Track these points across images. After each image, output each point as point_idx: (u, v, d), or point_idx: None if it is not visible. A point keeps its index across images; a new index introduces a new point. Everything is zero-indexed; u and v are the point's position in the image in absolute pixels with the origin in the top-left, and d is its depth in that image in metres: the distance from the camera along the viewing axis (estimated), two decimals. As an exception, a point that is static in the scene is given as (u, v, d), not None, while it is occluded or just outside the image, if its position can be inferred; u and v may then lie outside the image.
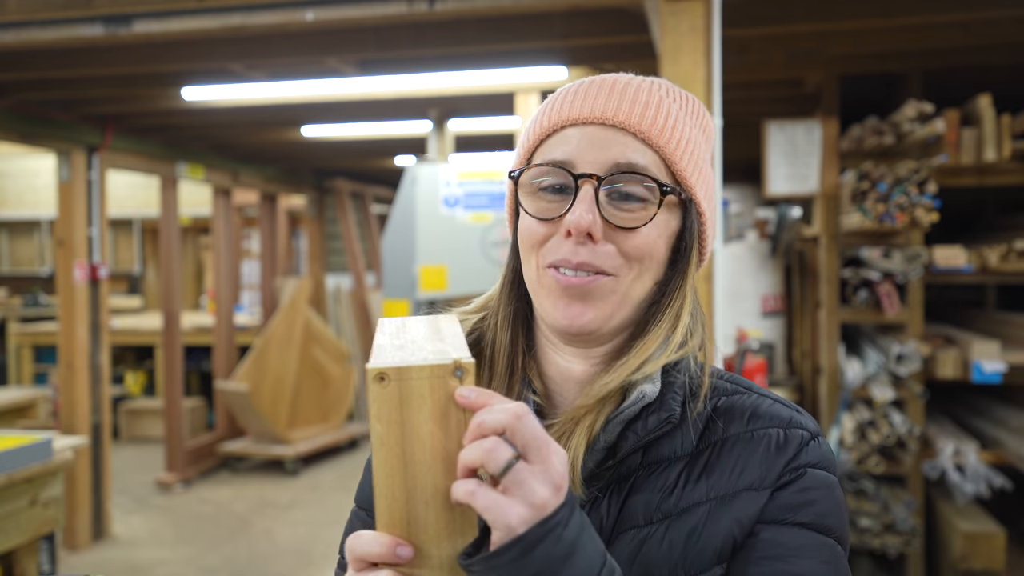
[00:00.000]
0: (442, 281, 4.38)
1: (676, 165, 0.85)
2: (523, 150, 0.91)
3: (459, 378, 0.65)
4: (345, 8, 2.89)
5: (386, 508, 0.67)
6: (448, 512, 0.67)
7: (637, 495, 0.82)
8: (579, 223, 0.81)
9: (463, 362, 0.66)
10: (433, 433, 0.66)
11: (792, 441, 0.82)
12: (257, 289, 8.98)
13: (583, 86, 0.88)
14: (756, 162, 4.62)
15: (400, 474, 0.66)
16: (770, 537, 0.78)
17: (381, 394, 0.65)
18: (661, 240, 0.85)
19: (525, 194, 0.87)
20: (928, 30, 3.51)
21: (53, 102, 5.02)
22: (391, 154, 7.68)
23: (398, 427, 0.66)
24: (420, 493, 0.66)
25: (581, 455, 0.81)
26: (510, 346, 0.91)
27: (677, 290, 0.87)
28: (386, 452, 0.66)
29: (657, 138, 0.84)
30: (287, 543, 5.27)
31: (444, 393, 0.65)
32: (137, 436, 8.07)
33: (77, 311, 5.26)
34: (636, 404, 0.82)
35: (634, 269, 0.84)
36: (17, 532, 2.88)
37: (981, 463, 3.74)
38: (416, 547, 0.67)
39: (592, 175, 0.82)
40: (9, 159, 9.10)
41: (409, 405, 0.65)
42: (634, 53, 3.62)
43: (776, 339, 5.10)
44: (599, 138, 0.84)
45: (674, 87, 0.91)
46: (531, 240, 0.86)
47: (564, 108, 0.87)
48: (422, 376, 0.65)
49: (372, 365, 0.65)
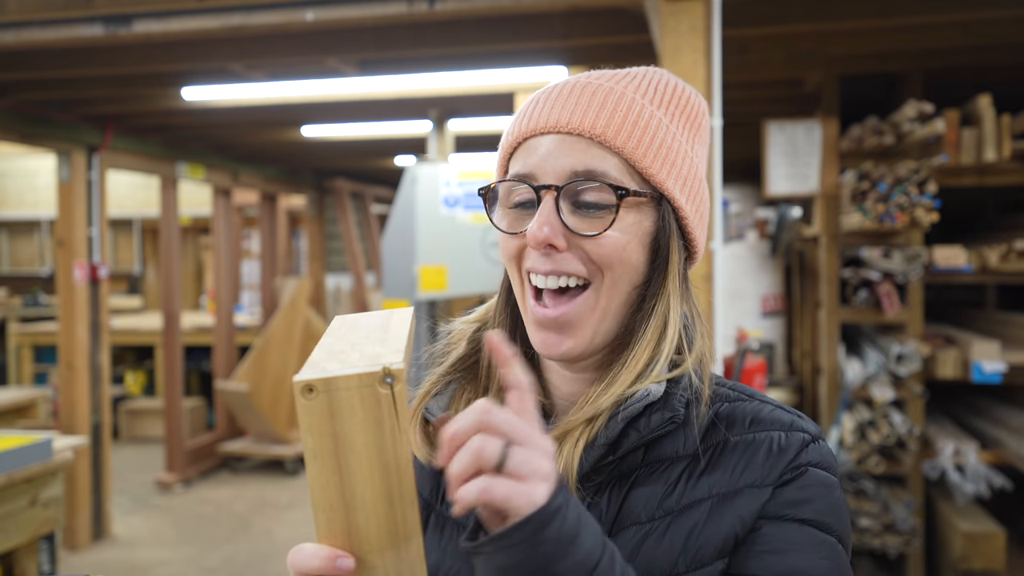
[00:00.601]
0: (442, 281, 4.38)
1: (639, 164, 0.83)
2: (499, 164, 0.92)
3: (389, 385, 0.63)
4: (345, 8, 2.89)
5: (325, 520, 0.66)
6: (389, 520, 0.66)
7: (638, 492, 0.82)
8: (536, 236, 0.81)
9: (392, 368, 0.63)
10: (367, 443, 0.64)
11: (793, 443, 0.83)
12: (257, 289, 8.98)
13: (546, 94, 0.88)
14: (756, 162, 4.62)
15: (336, 485, 0.65)
16: (770, 532, 0.78)
17: (309, 407, 0.63)
18: (632, 244, 0.84)
19: (501, 208, 0.88)
20: (928, 30, 3.51)
21: (53, 102, 5.02)
22: (391, 154, 7.68)
23: (330, 439, 0.64)
24: (359, 503, 0.65)
25: (577, 459, 0.81)
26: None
27: (659, 292, 0.86)
28: (320, 465, 0.64)
29: (614, 139, 0.83)
30: (287, 543, 5.27)
31: (374, 401, 0.64)
32: (137, 436, 8.07)
33: (77, 311, 5.26)
34: (640, 402, 0.82)
35: (607, 276, 0.84)
36: (17, 532, 2.88)
37: (981, 463, 3.74)
38: (358, 558, 0.66)
39: (551, 186, 0.83)
40: (9, 159, 9.10)
41: (340, 416, 0.64)
42: (634, 53, 3.61)
43: (776, 339, 5.10)
44: (558, 147, 0.84)
45: (657, 77, 0.90)
46: (508, 253, 0.87)
47: (527, 119, 0.87)
48: (350, 386, 0.63)
49: (298, 378, 0.63)
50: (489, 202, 0.90)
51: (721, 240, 2.72)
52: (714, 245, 2.48)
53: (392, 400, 0.64)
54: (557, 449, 0.82)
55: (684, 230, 0.88)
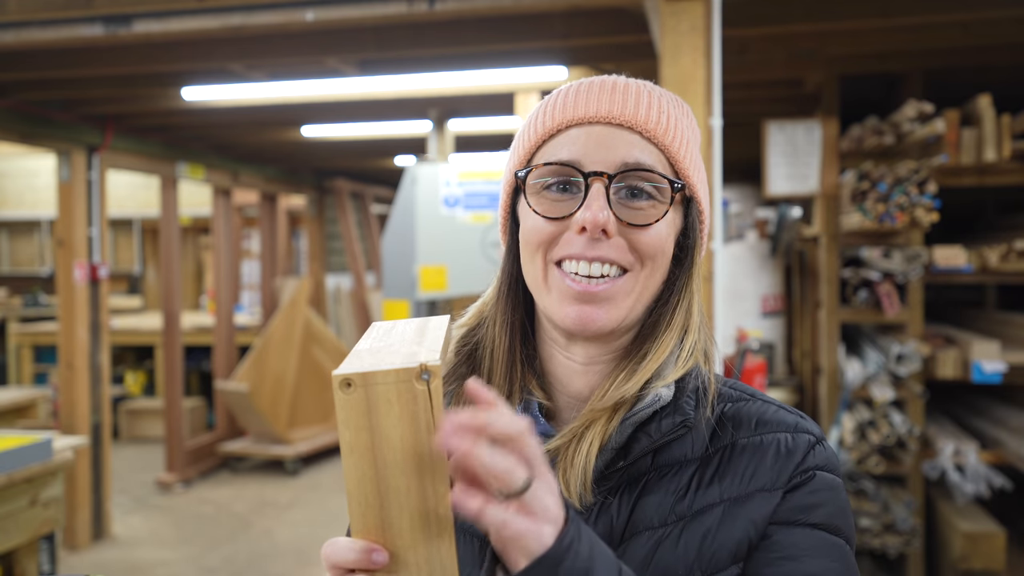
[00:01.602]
0: (442, 281, 4.38)
1: (680, 163, 0.86)
2: (523, 151, 0.90)
3: (426, 381, 0.65)
4: (345, 8, 2.89)
5: (360, 514, 0.67)
6: (423, 515, 0.66)
7: (650, 497, 0.82)
8: (596, 219, 0.81)
9: (429, 365, 0.65)
10: (403, 437, 0.65)
11: (800, 445, 0.84)
12: (257, 289, 8.98)
13: (582, 87, 0.88)
14: (756, 162, 4.62)
15: (372, 479, 0.66)
16: (783, 538, 0.79)
17: (347, 400, 0.65)
18: (670, 237, 0.86)
19: (529, 194, 0.88)
20: (928, 30, 3.51)
21: (53, 102, 5.02)
22: (391, 154, 7.68)
23: (367, 432, 0.65)
24: (393, 497, 0.66)
25: (595, 456, 0.82)
26: (508, 353, 0.91)
27: (684, 287, 0.88)
28: (356, 458, 0.66)
29: (662, 137, 0.85)
30: (287, 543, 5.27)
31: (411, 396, 0.65)
32: (137, 436, 8.07)
33: (77, 311, 5.26)
34: (651, 407, 0.82)
35: (647, 266, 0.85)
36: (17, 532, 2.88)
37: (981, 463, 3.74)
38: (391, 552, 0.67)
39: (603, 173, 0.83)
40: (9, 159, 9.10)
41: (376, 410, 0.65)
42: (634, 53, 3.62)
43: (776, 339, 5.10)
44: (605, 137, 0.84)
45: (662, 89, 0.92)
46: (538, 239, 0.86)
47: (567, 109, 0.87)
48: (387, 381, 0.65)
49: (337, 372, 0.65)
50: (515, 189, 0.90)
51: (721, 240, 2.73)
52: (714, 245, 2.48)
53: (428, 396, 0.65)
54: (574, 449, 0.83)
55: (700, 231, 0.91)
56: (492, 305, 0.94)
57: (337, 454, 7.41)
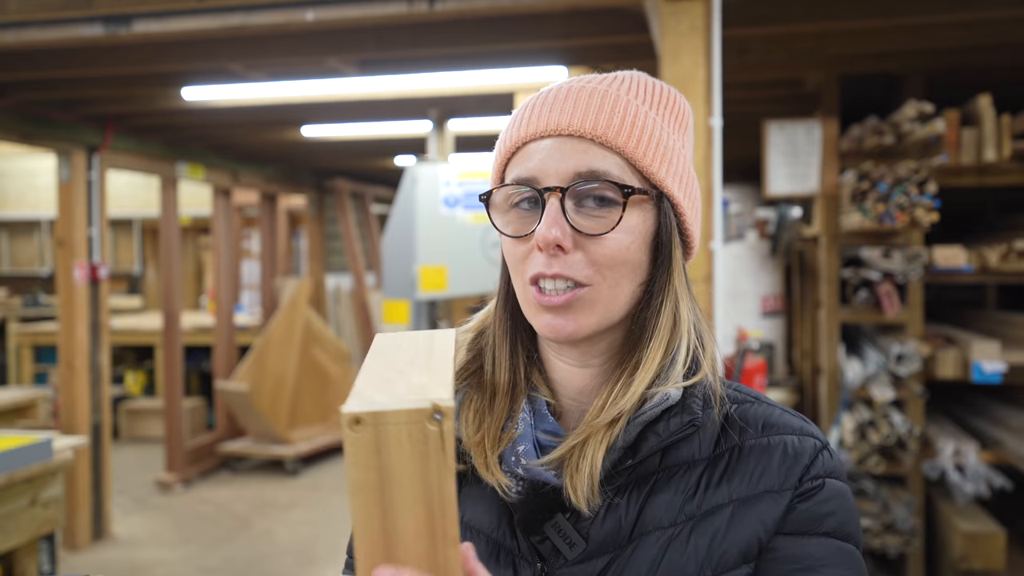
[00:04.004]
0: (442, 281, 4.38)
1: (640, 163, 0.84)
2: (495, 170, 0.91)
3: (438, 421, 0.64)
4: (345, 8, 2.89)
5: (366, 554, 0.66)
6: (430, 558, 0.65)
7: (659, 496, 0.83)
8: (546, 237, 0.81)
9: (442, 406, 0.64)
10: (413, 479, 0.64)
11: (806, 448, 0.84)
12: (257, 289, 8.98)
13: (540, 99, 0.88)
14: (756, 162, 4.62)
15: (379, 519, 0.65)
16: (798, 550, 0.80)
17: (356, 439, 0.63)
18: (636, 243, 0.85)
19: (500, 213, 0.88)
20: (928, 30, 3.51)
21: (53, 102, 5.02)
22: (391, 154, 7.68)
23: (376, 472, 0.64)
24: (400, 539, 0.65)
25: (599, 464, 0.82)
26: (510, 359, 0.91)
27: (664, 288, 0.87)
28: (364, 498, 0.65)
29: (615, 139, 0.83)
30: (287, 543, 5.27)
31: (422, 437, 0.64)
32: (137, 436, 8.07)
33: (77, 311, 5.26)
34: (659, 406, 0.83)
35: (607, 277, 0.84)
36: (17, 532, 2.88)
37: (981, 463, 3.74)
38: None
39: (556, 187, 0.83)
40: (9, 159, 9.10)
41: (387, 450, 0.64)
42: (634, 53, 3.61)
43: (776, 339, 5.10)
44: (559, 149, 0.84)
45: (641, 79, 0.90)
46: (513, 258, 0.87)
47: (524, 124, 0.87)
48: (399, 421, 0.63)
49: (347, 409, 0.64)
50: (489, 209, 0.90)
51: (721, 240, 2.72)
52: (714, 245, 2.47)
53: (440, 437, 0.64)
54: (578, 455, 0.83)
55: (682, 227, 0.89)
56: (493, 313, 0.96)
57: (337, 454, 7.41)
